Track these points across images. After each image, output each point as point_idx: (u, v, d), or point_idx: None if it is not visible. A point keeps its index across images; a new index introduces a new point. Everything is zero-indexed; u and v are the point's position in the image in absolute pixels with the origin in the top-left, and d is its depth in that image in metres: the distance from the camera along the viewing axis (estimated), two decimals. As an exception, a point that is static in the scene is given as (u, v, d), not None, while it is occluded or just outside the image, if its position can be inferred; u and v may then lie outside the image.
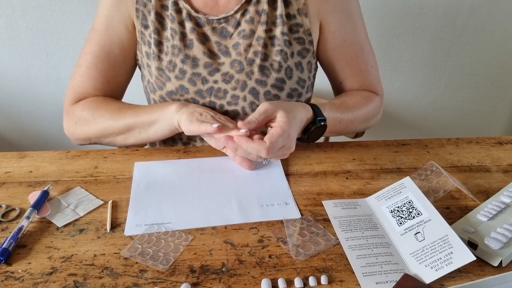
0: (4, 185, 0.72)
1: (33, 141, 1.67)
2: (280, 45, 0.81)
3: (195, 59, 0.81)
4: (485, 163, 0.81)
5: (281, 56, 0.81)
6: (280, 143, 0.69)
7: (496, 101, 1.81)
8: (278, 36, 0.81)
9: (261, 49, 0.81)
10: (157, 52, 0.82)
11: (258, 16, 0.81)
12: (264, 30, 0.81)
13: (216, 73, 0.82)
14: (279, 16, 0.81)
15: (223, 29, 0.81)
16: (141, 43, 0.85)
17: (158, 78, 0.83)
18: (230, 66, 0.81)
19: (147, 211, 0.66)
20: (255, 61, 0.81)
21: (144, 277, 0.55)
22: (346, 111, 0.85)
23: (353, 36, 0.88)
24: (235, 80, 0.82)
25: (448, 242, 0.57)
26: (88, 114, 0.83)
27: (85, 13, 1.44)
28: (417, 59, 1.67)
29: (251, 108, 0.83)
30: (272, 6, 0.81)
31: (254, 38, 0.81)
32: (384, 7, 1.55)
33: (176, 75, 0.82)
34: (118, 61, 0.86)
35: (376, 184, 0.74)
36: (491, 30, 1.63)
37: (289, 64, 0.82)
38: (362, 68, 0.91)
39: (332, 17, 0.85)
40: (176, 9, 0.81)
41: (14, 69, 1.52)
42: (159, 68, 0.82)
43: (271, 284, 0.54)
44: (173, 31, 0.81)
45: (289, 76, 0.83)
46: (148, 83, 0.87)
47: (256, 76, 0.81)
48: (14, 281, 0.54)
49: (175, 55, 0.81)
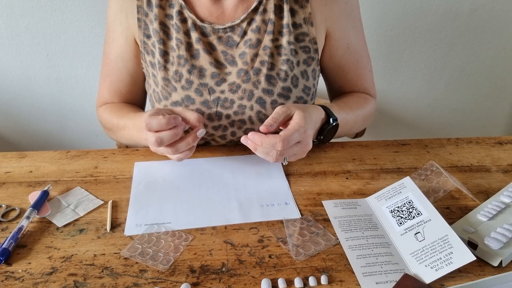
0: (4, 185, 0.72)
1: (33, 141, 1.67)
2: (286, 55, 0.81)
3: (201, 70, 0.81)
4: (485, 163, 0.81)
5: (287, 65, 0.81)
6: (296, 138, 0.68)
7: (496, 101, 1.81)
8: (284, 46, 0.81)
9: (267, 59, 0.80)
10: (163, 62, 0.81)
11: (264, 25, 0.81)
12: (270, 39, 0.80)
13: (223, 83, 0.81)
14: (285, 26, 0.81)
15: (229, 38, 0.81)
16: (144, 53, 0.84)
17: (164, 88, 0.83)
18: (237, 76, 0.81)
19: (147, 211, 0.66)
20: (261, 71, 0.81)
21: (144, 277, 0.55)
22: (349, 111, 0.86)
23: (355, 43, 0.89)
24: (241, 89, 0.81)
25: (448, 242, 0.57)
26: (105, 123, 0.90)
27: (85, 13, 1.44)
28: (417, 59, 1.67)
29: (258, 117, 0.83)
30: (279, 16, 0.81)
31: (261, 48, 0.81)
32: (384, 7, 1.55)
33: (182, 85, 0.81)
34: (123, 73, 0.88)
35: (376, 184, 0.74)
36: (491, 30, 1.63)
37: (295, 73, 0.82)
38: (362, 73, 0.93)
39: (338, 25, 0.85)
40: (181, 18, 0.80)
41: (14, 69, 1.52)
42: (165, 78, 0.82)
43: (271, 284, 0.54)
44: (178, 41, 0.80)
45: (295, 84, 0.83)
46: (154, 92, 0.87)
47: (263, 86, 0.81)
48: (14, 281, 0.54)
49: (181, 65, 0.80)
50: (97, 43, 1.49)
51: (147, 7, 0.81)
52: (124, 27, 0.84)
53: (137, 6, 0.81)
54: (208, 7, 0.80)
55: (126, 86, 0.90)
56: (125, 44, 0.85)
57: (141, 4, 0.81)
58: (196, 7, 0.81)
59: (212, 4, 0.80)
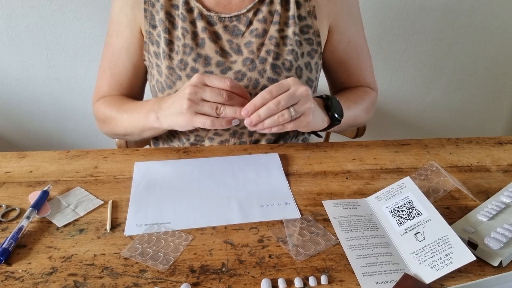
0: (4, 185, 0.72)
1: (33, 141, 1.67)
2: (292, 45, 0.83)
3: (207, 58, 0.82)
4: (485, 163, 0.81)
5: (292, 55, 0.83)
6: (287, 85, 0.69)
7: (496, 101, 1.81)
8: (290, 36, 0.83)
9: (273, 48, 0.82)
10: (167, 51, 0.82)
11: (271, 16, 0.82)
12: (276, 30, 0.82)
13: (229, 71, 0.83)
14: (291, 17, 0.82)
15: (235, 27, 0.82)
16: (148, 43, 0.85)
17: (168, 77, 0.84)
18: (243, 64, 0.82)
19: (147, 211, 0.66)
20: (267, 60, 0.82)
21: (144, 277, 0.55)
22: (352, 104, 0.87)
23: (356, 38, 0.91)
24: (247, 78, 0.82)
25: (448, 242, 0.57)
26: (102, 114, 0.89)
27: (85, 13, 1.44)
28: (417, 59, 1.67)
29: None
30: (285, 7, 0.83)
31: (267, 37, 0.82)
32: (384, 7, 1.55)
33: (187, 73, 0.82)
34: (127, 65, 0.89)
35: (376, 184, 0.74)
36: (491, 30, 1.63)
37: (299, 63, 0.84)
38: (363, 68, 0.94)
39: (341, 20, 0.87)
40: (187, 8, 0.81)
41: (14, 69, 1.52)
42: (170, 67, 0.83)
43: (271, 284, 0.54)
44: (184, 30, 0.81)
45: (299, 75, 0.84)
46: (157, 82, 0.87)
47: (268, 75, 0.82)
48: (14, 281, 0.54)
49: (187, 54, 0.81)
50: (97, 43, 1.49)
51: None
52: (130, 19, 0.84)
53: None
54: None
55: (128, 78, 0.90)
56: (131, 35, 0.86)
57: None
58: None
59: None
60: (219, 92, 0.69)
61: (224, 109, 0.70)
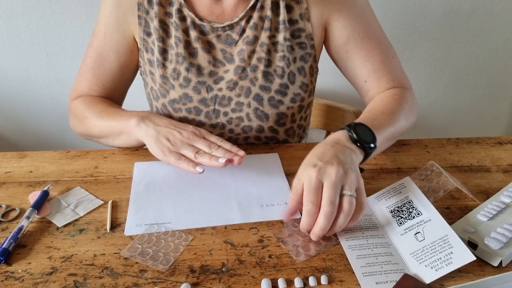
0: (4, 185, 0.72)
1: (33, 141, 1.67)
2: (283, 51, 0.81)
3: (200, 68, 0.81)
4: (485, 163, 0.81)
5: (284, 62, 0.81)
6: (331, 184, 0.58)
7: (496, 101, 1.81)
8: (281, 42, 0.81)
9: (264, 55, 0.80)
10: (161, 60, 0.81)
11: (261, 22, 0.81)
12: (267, 36, 0.80)
13: (221, 81, 0.81)
14: (281, 22, 0.80)
15: (228, 37, 0.81)
16: (143, 50, 0.84)
17: (162, 85, 0.83)
18: (234, 73, 0.81)
19: (147, 211, 0.66)
20: (258, 67, 0.81)
21: (144, 277, 0.55)
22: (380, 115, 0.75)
23: (366, 28, 0.84)
24: (239, 86, 0.81)
25: (448, 242, 0.57)
26: (80, 112, 0.85)
27: (85, 13, 1.44)
28: (417, 59, 1.67)
29: (255, 114, 0.83)
30: (275, 12, 0.81)
31: (258, 44, 0.81)
32: (384, 7, 1.55)
33: (180, 83, 0.81)
34: (114, 67, 0.86)
35: (376, 184, 0.74)
36: (491, 30, 1.63)
37: (291, 69, 0.82)
38: (383, 59, 0.84)
39: (339, 14, 0.83)
40: (180, 16, 0.80)
41: (14, 69, 1.52)
42: (163, 76, 0.82)
43: (271, 284, 0.54)
44: (177, 39, 0.80)
45: (292, 81, 0.83)
46: (152, 90, 0.86)
47: (260, 82, 0.81)
48: (14, 281, 0.54)
49: (180, 63, 0.80)
50: (97, 43, 1.49)
51: (148, 4, 0.81)
52: (122, 23, 0.83)
53: (138, 3, 0.81)
54: (209, 6, 0.80)
55: (112, 80, 0.87)
56: (122, 39, 0.84)
57: (142, 2, 0.81)
58: (196, 6, 0.81)
59: (213, 3, 0.80)
60: (209, 144, 0.71)
61: (201, 156, 0.69)
